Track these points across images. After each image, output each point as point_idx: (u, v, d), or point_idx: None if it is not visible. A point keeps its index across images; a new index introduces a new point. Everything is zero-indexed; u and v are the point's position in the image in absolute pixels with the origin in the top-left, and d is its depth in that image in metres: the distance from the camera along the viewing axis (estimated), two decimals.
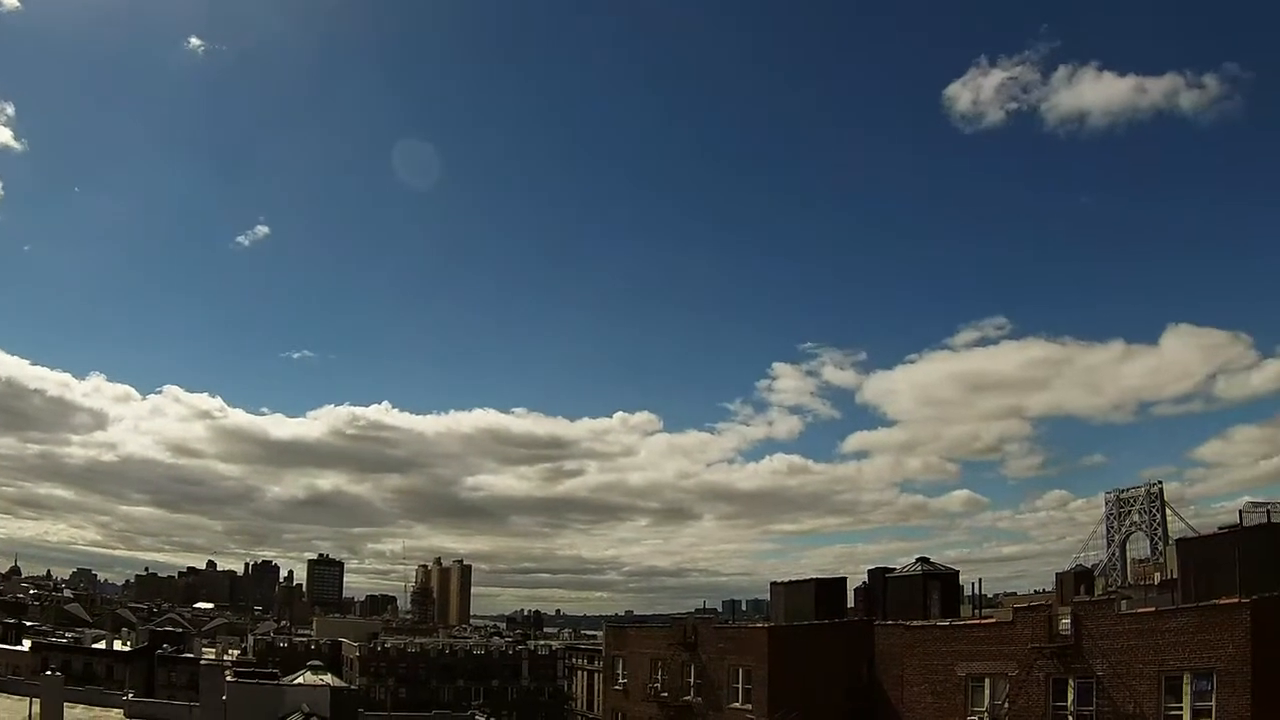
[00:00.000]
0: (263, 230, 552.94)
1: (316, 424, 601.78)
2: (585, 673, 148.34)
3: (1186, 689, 44.18)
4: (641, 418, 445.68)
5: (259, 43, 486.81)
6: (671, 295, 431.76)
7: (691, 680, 68.93)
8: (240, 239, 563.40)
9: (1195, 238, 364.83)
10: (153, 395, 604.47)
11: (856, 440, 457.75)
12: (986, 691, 52.70)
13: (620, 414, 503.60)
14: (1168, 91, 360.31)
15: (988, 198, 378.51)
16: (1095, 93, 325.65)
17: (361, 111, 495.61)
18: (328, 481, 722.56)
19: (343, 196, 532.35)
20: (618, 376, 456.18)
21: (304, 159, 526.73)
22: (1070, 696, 48.93)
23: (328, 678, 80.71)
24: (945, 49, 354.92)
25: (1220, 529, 53.94)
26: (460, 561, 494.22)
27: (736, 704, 64.58)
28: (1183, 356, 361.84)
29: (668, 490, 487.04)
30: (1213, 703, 42.89)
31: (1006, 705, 51.20)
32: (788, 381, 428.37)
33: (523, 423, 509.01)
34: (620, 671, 78.30)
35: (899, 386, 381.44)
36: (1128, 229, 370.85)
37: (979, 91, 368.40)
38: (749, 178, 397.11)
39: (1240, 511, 48.12)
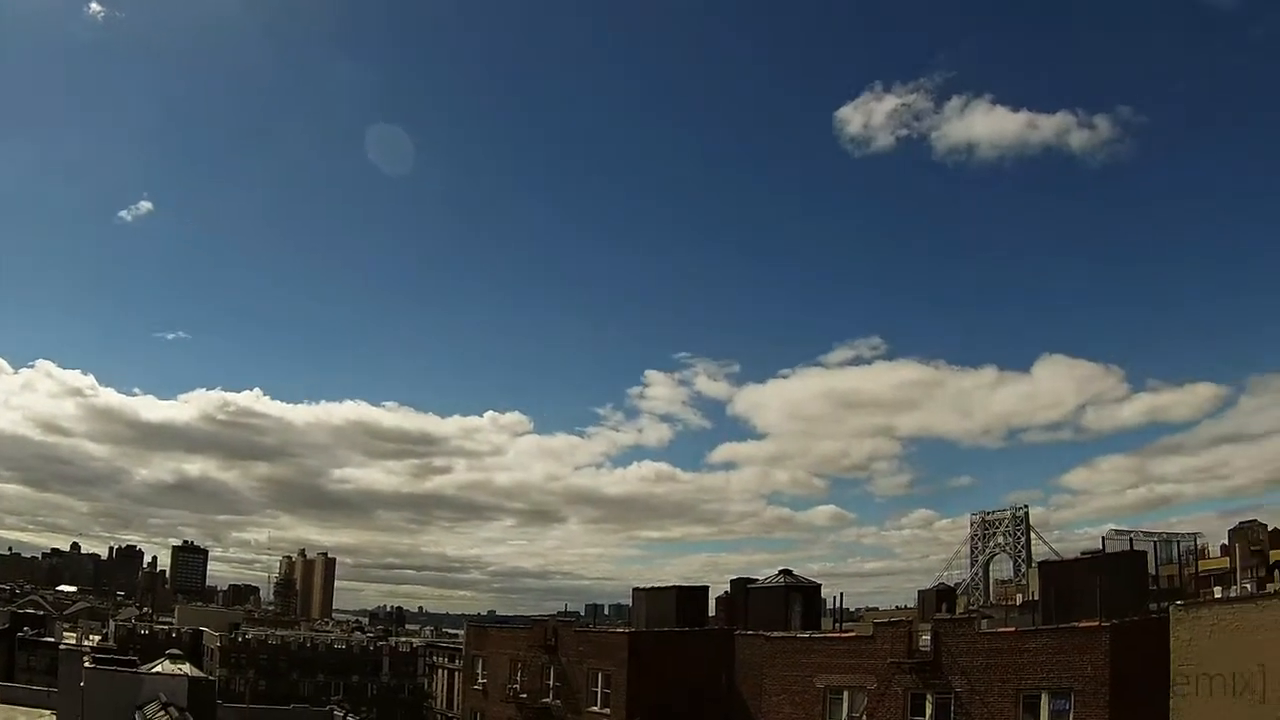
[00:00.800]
0: (146, 206, 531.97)
1: (187, 407, 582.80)
2: (446, 671, 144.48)
3: (1044, 708, 43.80)
4: (512, 418, 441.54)
5: (154, 16, 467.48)
6: (549, 297, 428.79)
7: (551, 682, 66.72)
8: (123, 214, 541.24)
9: (1073, 273, 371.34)
10: (25, 369, 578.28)
11: (725, 451, 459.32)
12: (845, 704, 51.51)
13: (491, 413, 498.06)
14: (1059, 129, 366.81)
15: (871, 220, 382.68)
16: (986, 125, 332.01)
17: (255, 88, 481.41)
18: (196, 467, 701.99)
19: (229, 177, 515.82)
20: (490, 375, 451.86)
21: (194, 136, 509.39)
22: (929, 711, 48.11)
23: (186, 667, 76.48)
24: (841, 71, 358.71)
25: (1082, 554, 53.92)
26: (325, 554, 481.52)
27: (595, 708, 62.71)
28: (1054, 386, 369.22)
29: (535, 492, 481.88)
30: None
31: (865, 718, 50.19)
32: (660, 389, 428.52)
33: (393, 417, 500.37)
34: (480, 671, 75.76)
35: (770, 400, 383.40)
36: (1007, 259, 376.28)
37: (870, 116, 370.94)
38: (633, 184, 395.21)
39: (1103, 538, 48.08)
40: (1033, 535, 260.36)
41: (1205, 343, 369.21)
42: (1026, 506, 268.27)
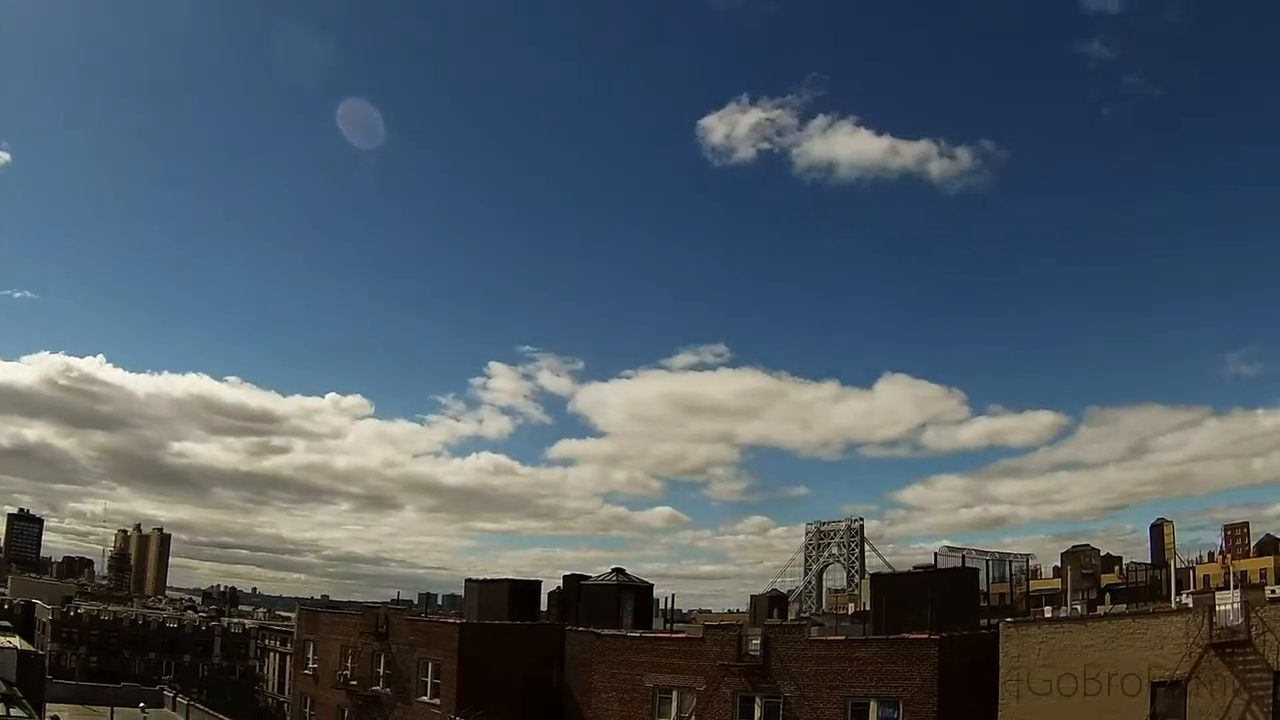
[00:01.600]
0: (3, 157, 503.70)
1: (29, 370, 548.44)
2: (278, 655, 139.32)
3: (873, 716, 43.35)
4: (353, 401, 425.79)
5: None
6: (396, 281, 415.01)
7: (381, 670, 63.64)
8: None
9: (922, 298, 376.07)
10: None
11: (565, 447, 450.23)
12: (674, 704, 50.07)
13: (333, 395, 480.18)
14: (919, 157, 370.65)
15: (725, 230, 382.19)
16: (848, 146, 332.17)
17: (121, 51, 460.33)
18: (34, 432, 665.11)
19: (96, 134, 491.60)
20: (335, 356, 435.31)
21: (62, 86, 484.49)
22: (757, 715, 47.10)
23: (16, 640, 72.19)
24: (711, 81, 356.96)
25: (915, 568, 53.85)
26: (160, 530, 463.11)
27: (425, 698, 60.13)
28: (895, 404, 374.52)
29: (372, 477, 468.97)
30: None
31: (693, 719, 48.85)
32: (503, 381, 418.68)
33: (235, 393, 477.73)
34: (311, 656, 71.98)
35: (612, 399, 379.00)
36: (858, 278, 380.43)
37: (734, 127, 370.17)
38: (489, 172, 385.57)
39: (935, 554, 47.68)
40: (867, 547, 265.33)
41: (1047, 373, 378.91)
42: (862, 519, 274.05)
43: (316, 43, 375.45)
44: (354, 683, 64.60)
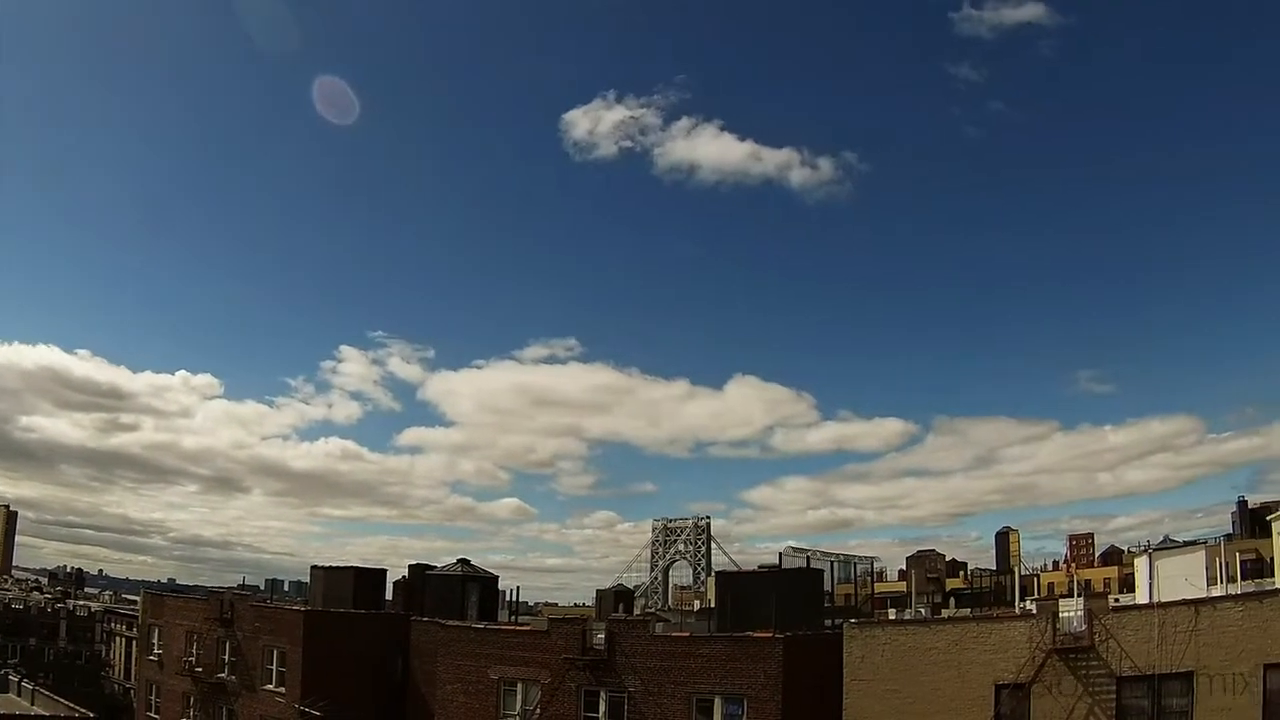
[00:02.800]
0: None
1: None
2: (124, 639, 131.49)
3: (718, 711, 41.75)
4: (204, 380, 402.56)
5: None
6: (251, 258, 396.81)
7: (227, 658, 59.41)
8: None
9: (776, 303, 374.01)
10: None
11: (413, 435, 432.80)
12: (519, 696, 47.50)
13: (184, 372, 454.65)
14: (781, 164, 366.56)
15: (582, 224, 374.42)
16: (710, 150, 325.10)
17: None
18: None
19: None
20: (186, 332, 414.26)
21: None
22: (602, 709, 44.86)
23: None
24: (578, 76, 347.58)
25: (760, 567, 52.38)
26: (7, 507, 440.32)
27: (270, 686, 56.36)
28: (744, 405, 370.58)
29: (220, 459, 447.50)
30: None
31: (538, 711, 46.38)
32: (353, 366, 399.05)
33: (85, 366, 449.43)
34: (156, 642, 67.23)
35: (462, 389, 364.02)
36: (712, 279, 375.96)
37: (597, 123, 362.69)
38: (344, 152, 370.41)
39: (780, 554, 45.99)
40: (714, 545, 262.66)
41: (898, 382, 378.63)
42: (709, 517, 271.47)
43: None
44: (199, 670, 60.59)
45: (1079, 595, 42.56)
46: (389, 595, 63.03)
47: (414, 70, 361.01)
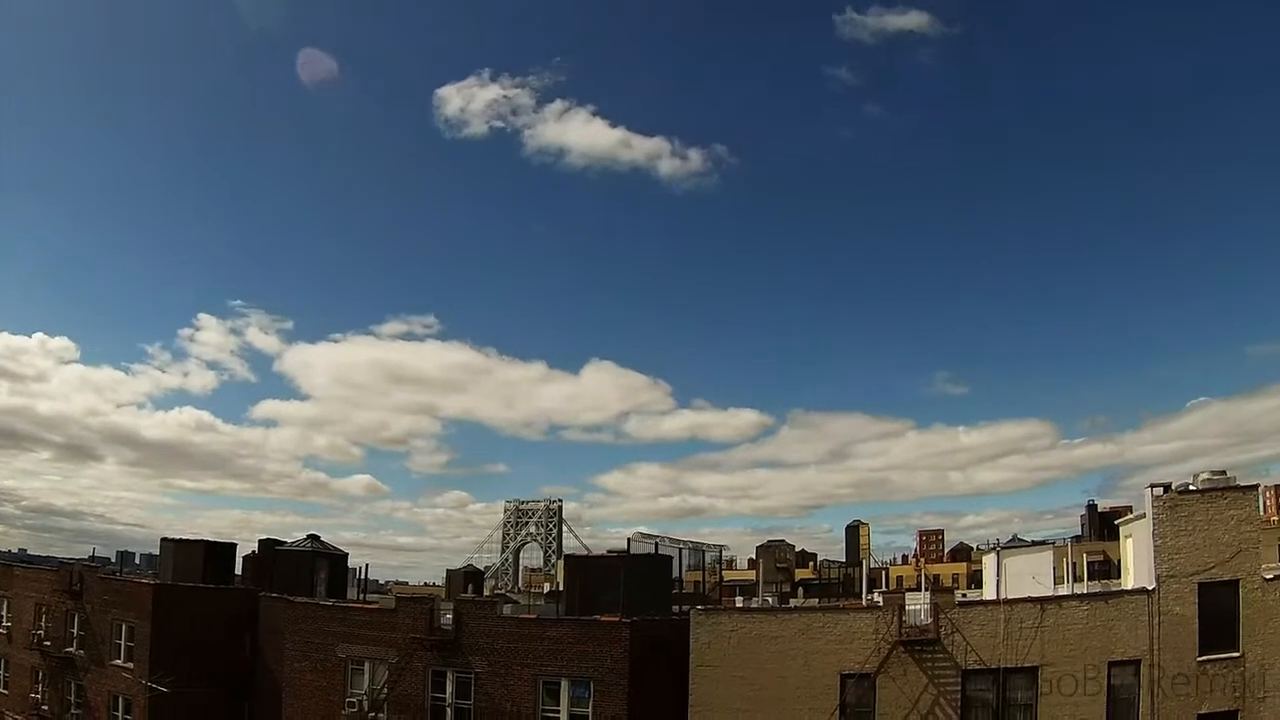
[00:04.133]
0: None
1: None
2: None
3: (564, 694, 40.15)
4: (60, 343, 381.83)
5: None
6: (114, 222, 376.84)
7: (75, 631, 55.96)
8: None
9: (636, 289, 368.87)
10: None
11: (268, 408, 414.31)
12: (366, 675, 45.18)
13: (41, 335, 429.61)
14: (651, 153, 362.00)
15: (447, 202, 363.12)
16: (580, 134, 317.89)
17: None
18: None
19: None
20: (44, 294, 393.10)
21: None
22: (449, 689, 42.61)
23: None
24: (454, 51, 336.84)
25: (609, 552, 50.90)
26: None
27: (118, 661, 52.93)
28: (600, 390, 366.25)
29: (74, 425, 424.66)
30: (589, 710, 39.47)
31: (386, 691, 44.35)
32: (211, 335, 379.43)
33: None
34: (5, 614, 63.64)
35: (319, 362, 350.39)
36: (574, 263, 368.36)
37: (470, 100, 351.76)
38: (212, 116, 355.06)
39: (629, 539, 44.56)
40: (565, 528, 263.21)
41: (754, 374, 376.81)
42: (561, 500, 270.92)
43: None
44: (47, 643, 57.22)
45: (926, 589, 41.87)
46: (239, 570, 60.45)
47: (292, 33, 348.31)
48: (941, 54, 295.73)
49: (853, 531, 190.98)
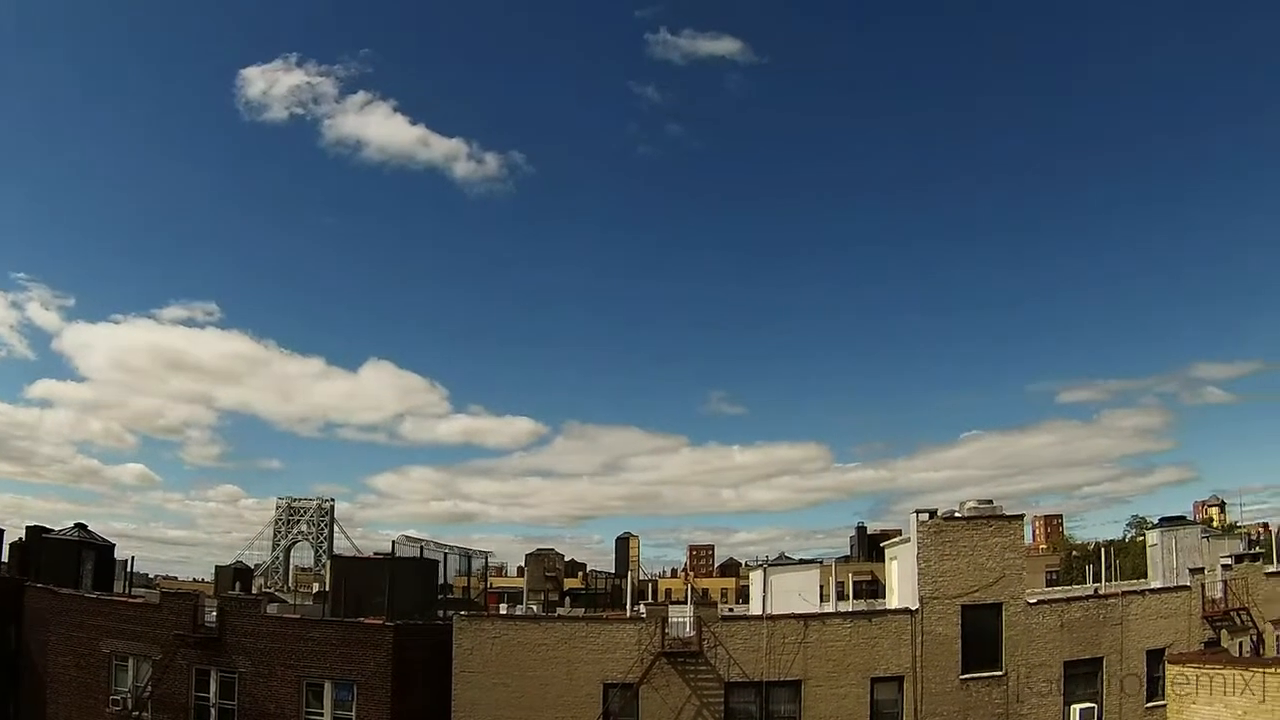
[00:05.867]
0: None
1: None
2: None
3: (328, 696, 38.72)
4: None
5: None
6: None
7: None
8: None
9: (420, 290, 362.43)
10: None
11: (44, 388, 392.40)
12: (130, 672, 43.01)
13: None
14: (448, 154, 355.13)
15: (235, 187, 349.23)
16: (380, 129, 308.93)
17: None
18: None
19: None
20: None
21: None
22: (213, 688, 40.68)
23: None
24: (264, 31, 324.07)
25: (376, 554, 49.36)
26: None
27: None
28: (378, 390, 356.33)
29: None
30: (352, 713, 38.11)
31: (149, 689, 42.12)
32: None
33: None
34: None
35: (99, 343, 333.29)
36: (360, 259, 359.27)
37: (273, 84, 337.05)
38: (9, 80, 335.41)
39: (394, 542, 43.19)
40: (337, 528, 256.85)
41: (531, 383, 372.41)
42: (333, 500, 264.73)
43: None
44: None
45: (693, 603, 41.44)
46: (5, 558, 57.00)
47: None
48: (750, 81, 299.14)
49: (623, 543, 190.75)
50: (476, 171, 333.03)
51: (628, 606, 45.24)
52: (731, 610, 44.07)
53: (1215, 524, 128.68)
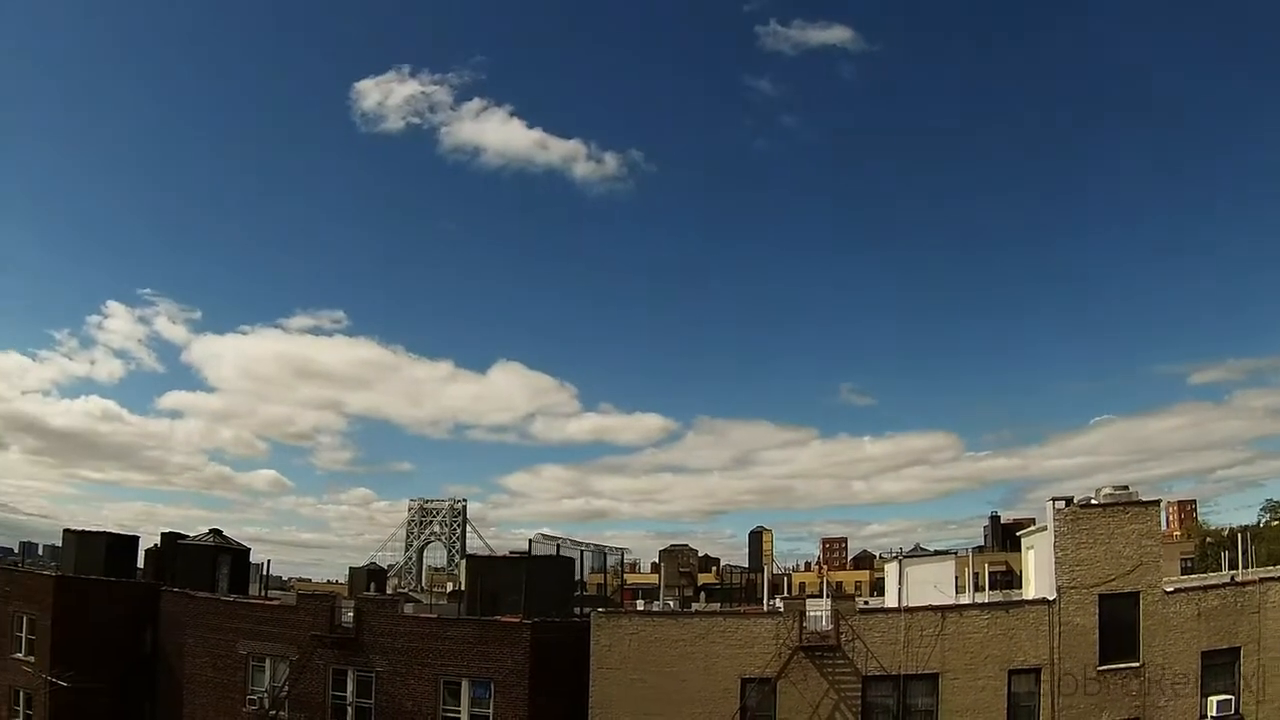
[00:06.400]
0: None
1: None
2: None
3: (465, 694, 39.25)
4: None
5: None
6: (21, 204, 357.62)
7: None
8: None
9: (545, 291, 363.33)
10: None
11: (174, 399, 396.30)
12: (267, 672, 43.81)
13: None
14: (567, 155, 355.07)
15: (358, 197, 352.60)
16: (497, 133, 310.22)
17: None
18: None
19: None
20: None
21: None
22: (350, 688, 41.39)
23: None
24: (374, 45, 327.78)
25: (511, 553, 49.68)
26: None
27: (19, 654, 51.54)
28: (507, 391, 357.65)
29: None
30: (490, 710, 38.54)
31: (286, 689, 42.93)
32: (119, 323, 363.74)
33: None
34: None
35: (226, 354, 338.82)
36: (484, 263, 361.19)
37: (388, 95, 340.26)
38: (123, 103, 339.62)
39: (531, 540, 43.41)
40: (469, 528, 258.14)
41: (660, 379, 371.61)
42: (465, 500, 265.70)
43: None
44: None
45: (828, 596, 41.27)
46: (141, 564, 58.44)
47: (191, 21, 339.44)
48: (863, 69, 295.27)
49: (756, 537, 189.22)
50: (596, 171, 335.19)
51: (764, 601, 45.24)
52: (866, 603, 43.83)
53: None
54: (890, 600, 43.75)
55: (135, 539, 57.03)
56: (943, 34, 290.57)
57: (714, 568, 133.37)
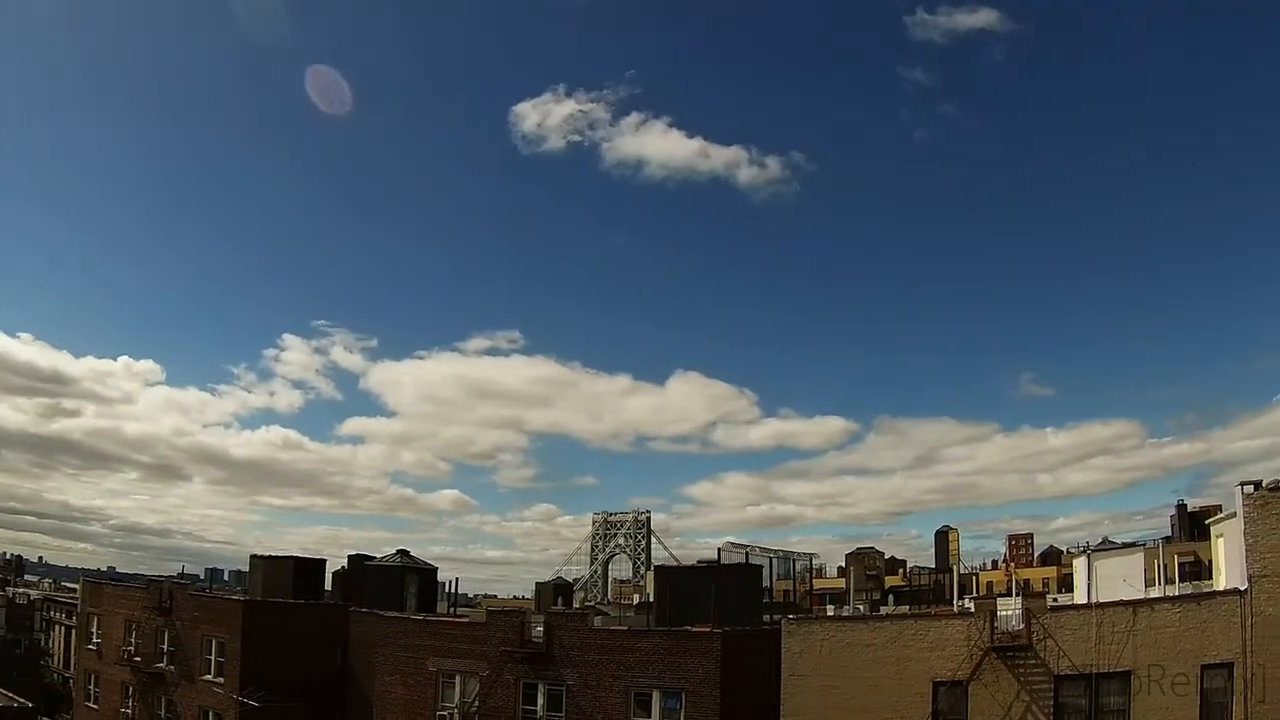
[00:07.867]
0: None
1: None
2: (64, 628, 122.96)
3: (656, 705, 39.96)
4: (146, 365, 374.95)
5: None
6: (197, 245, 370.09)
7: (165, 647, 56.55)
8: None
9: (719, 299, 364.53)
10: None
11: (355, 425, 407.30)
12: (457, 689, 45.28)
13: (125, 358, 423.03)
14: (729, 162, 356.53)
15: (527, 218, 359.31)
16: (658, 146, 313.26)
17: None
18: None
19: None
20: (127, 318, 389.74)
21: None
22: (540, 701, 42.69)
23: None
24: (529, 68, 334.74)
25: (699, 562, 50.26)
26: None
27: (209, 676, 53.75)
28: (686, 401, 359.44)
29: (162, 445, 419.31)
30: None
31: (477, 704, 44.17)
32: (295, 355, 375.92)
33: (28, 350, 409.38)
34: (95, 631, 64.02)
35: (404, 379, 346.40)
36: (657, 275, 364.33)
37: (547, 116, 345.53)
38: (287, 137, 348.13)
39: (719, 549, 44.02)
40: (654, 539, 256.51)
41: (839, 381, 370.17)
42: (649, 511, 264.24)
43: None
44: (138, 659, 57.83)
45: (1017, 594, 41.03)
46: (328, 586, 60.49)
47: (362, 57, 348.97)
48: (1013, 51, 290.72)
49: (941, 537, 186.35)
50: (760, 176, 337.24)
51: (952, 602, 45.33)
52: (1055, 600, 43.57)
53: None
54: (1079, 596, 43.39)
55: (322, 562, 59.37)
56: (1088, 7, 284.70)
57: (900, 570, 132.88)
